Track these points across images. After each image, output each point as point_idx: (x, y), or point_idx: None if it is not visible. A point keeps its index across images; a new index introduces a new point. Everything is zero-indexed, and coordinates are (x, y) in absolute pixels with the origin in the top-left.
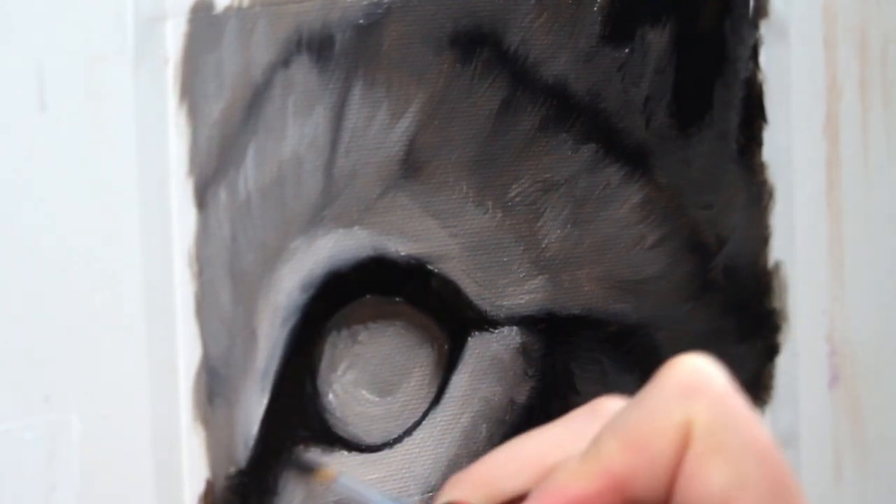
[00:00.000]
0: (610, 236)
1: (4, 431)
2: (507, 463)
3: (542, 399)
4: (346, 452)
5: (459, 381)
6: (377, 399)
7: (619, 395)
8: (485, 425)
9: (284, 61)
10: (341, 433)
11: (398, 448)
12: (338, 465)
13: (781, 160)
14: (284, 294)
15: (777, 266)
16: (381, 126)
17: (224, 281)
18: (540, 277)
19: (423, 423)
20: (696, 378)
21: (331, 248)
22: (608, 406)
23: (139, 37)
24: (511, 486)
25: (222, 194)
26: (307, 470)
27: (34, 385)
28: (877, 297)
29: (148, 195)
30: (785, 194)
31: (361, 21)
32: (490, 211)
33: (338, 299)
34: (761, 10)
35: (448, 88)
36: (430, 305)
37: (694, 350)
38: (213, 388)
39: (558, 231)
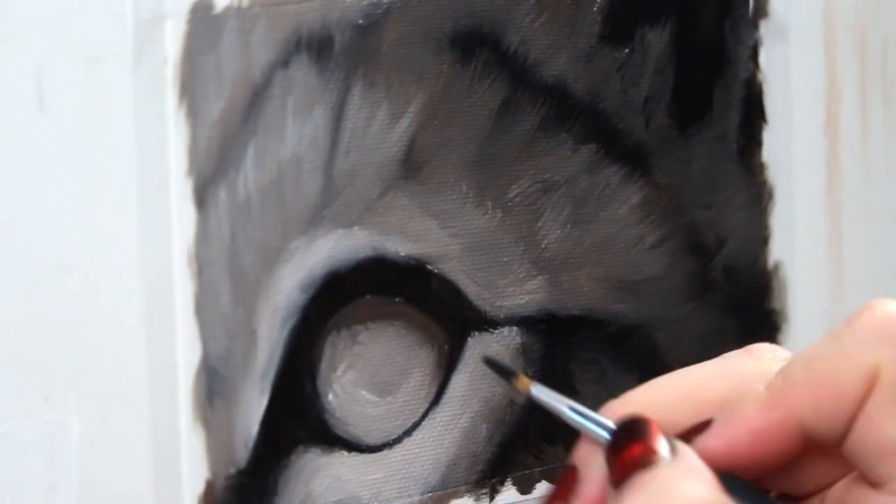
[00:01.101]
0: (610, 237)
1: (4, 432)
2: (664, 391)
3: None
4: (345, 453)
5: (459, 381)
6: (377, 399)
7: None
8: (485, 425)
9: (284, 61)
10: (341, 433)
11: (398, 448)
12: (337, 466)
13: (781, 160)
14: (284, 294)
15: (777, 266)
16: (380, 126)
17: (224, 281)
18: (540, 278)
19: (423, 423)
20: (892, 324)
21: (330, 249)
22: (763, 348)
23: (138, 37)
24: (668, 415)
25: (222, 194)
26: (504, 374)
27: (34, 385)
28: (876, 297)
29: (147, 195)
30: (785, 195)
31: (361, 21)
32: (490, 211)
33: (337, 299)
34: (761, 11)
35: (448, 89)
36: (430, 306)
37: (694, 351)
38: (213, 388)
39: (558, 231)
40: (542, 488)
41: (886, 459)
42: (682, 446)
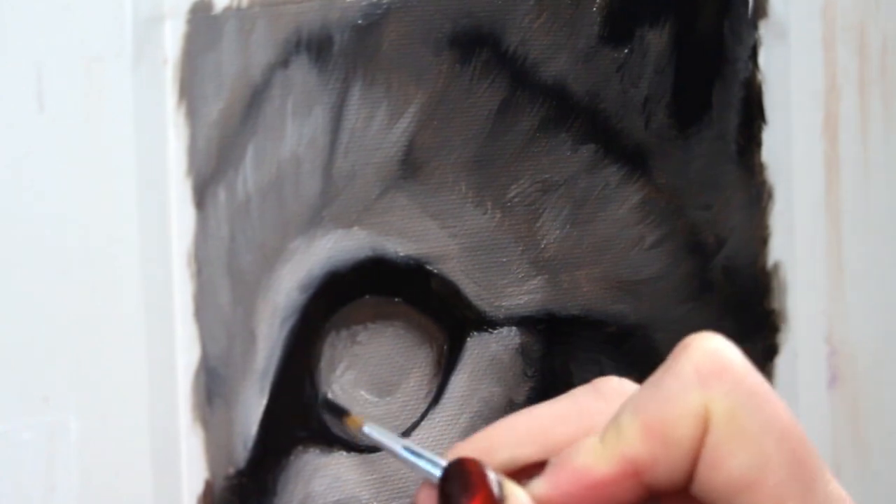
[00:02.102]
0: (609, 237)
1: (4, 432)
2: (510, 433)
3: (542, 399)
4: (344, 453)
5: (458, 381)
6: (376, 399)
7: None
8: (484, 425)
9: (283, 62)
10: (340, 433)
11: None
12: (337, 466)
13: (780, 161)
14: (283, 294)
15: (776, 266)
16: (380, 126)
17: (223, 281)
18: (539, 278)
19: (423, 423)
20: (712, 361)
21: (330, 249)
22: (611, 385)
23: (138, 37)
24: (512, 456)
25: (221, 194)
26: (337, 413)
27: (33, 386)
28: (876, 298)
29: (147, 195)
30: (784, 195)
31: (360, 21)
32: (489, 211)
33: (337, 300)
34: (760, 11)
35: (447, 89)
36: (430, 306)
37: None
38: (212, 388)
39: (557, 231)
40: None
41: (738, 495)
42: (512, 489)
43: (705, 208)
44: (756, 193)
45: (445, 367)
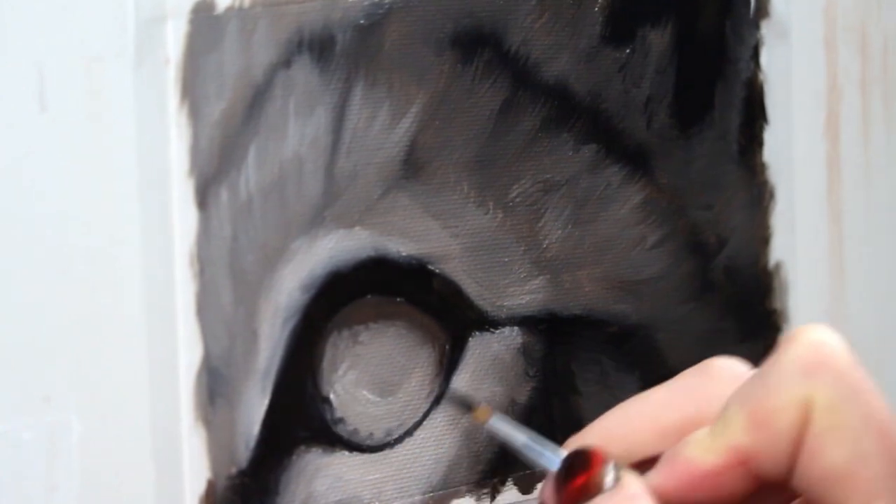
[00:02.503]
0: (611, 237)
1: (4, 432)
2: (621, 424)
3: (543, 399)
4: (346, 452)
5: (460, 381)
6: (378, 399)
7: (727, 356)
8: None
9: (286, 62)
10: (342, 433)
11: (399, 448)
12: (339, 466)
13: (782, 160)
14: (285, 294)
15: (777, 266)
16: (382, 126)
17: (225, 281)
18: (541, 278)
19: (424, 423)
20: (816, 353)
21: (332, 249)
22: (719, 366)
23: (140, 37)
24: (626, 448)
25: (223, 194)
26: (464, 406)
27: (34, 385)
28: (877, 298)
29: (149, 195)
30: (785, 194)
31: (362, 21)
32: (491, 211)
33: (339, 299)
34: (762, 11)
35: (449, 89)
36: (431, 306)
37: (695, 351)
38: (214, 388)
39: (559, 231)
40: None
41: (835, 487)
42: (628, 477)
43: (707, 208)
44: (757, 193)
45: (447, 366)
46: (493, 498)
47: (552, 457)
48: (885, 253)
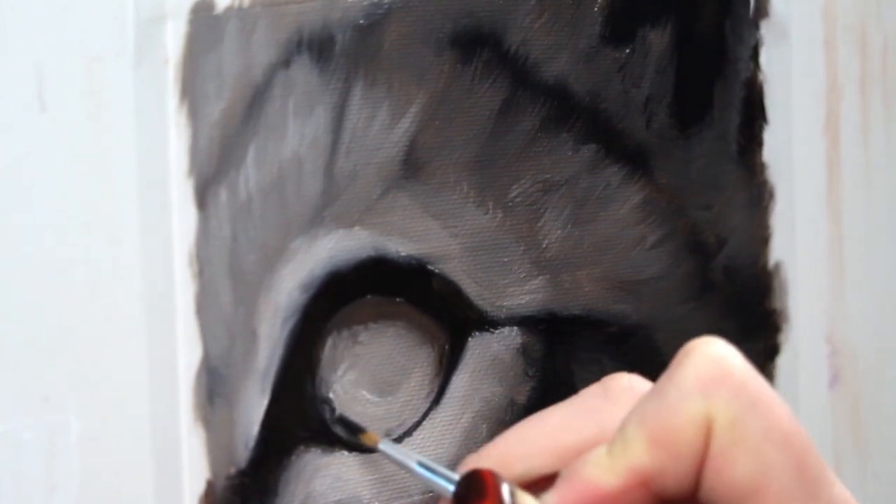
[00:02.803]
0: (610, 237)
1: (4, 432)
2: (520, 444)
3: (543, 399)
4: (346, 453)
5: (460, 381)
6: (377, 399)
7: (624, 372)
8: (485, 426)
9: (285, 62)
10: (341, 433)
11: None
12: (338, 466)
13: (782, 160)
14: (285, 294)
15: (777, 266)
16: (381, 126)
17: (224, 281)
18: (540, 278)
19: (424, 423)
20: (714, 368)
21: (331, 249)
22: (620, 384)
23: (139, 37)
24: (524, 468)
25: (223, 194)
26: (352, 430)
27: (34, 385)
28: (877, 297)
29: (148, 195)
30: (785, 194)
31: (362, 21)
32: (491, 211)
33: (338, 299)
34: (762, 11)
35: (449, 89)
36: (431, 306)
37: None
38: (214, 388)
39: (559, 231)
40: None
41: (744, 501)
42: (524, 499)
43: (706, 208)
44: (757, 193)
45: (447, 367)
46: None
47: (445, 482)
48: (884, 253)
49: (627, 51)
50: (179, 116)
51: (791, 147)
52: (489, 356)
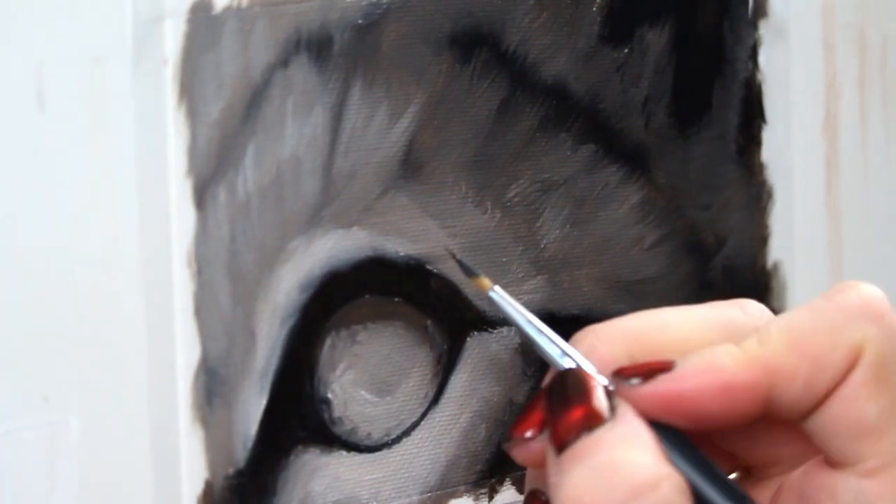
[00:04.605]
0: (609, 236)
1: (4, 432)
2: (651, 325)
3: None
4: (344, 452)
5: (458, 381)
6: (376, 399)
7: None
8: (484, 425)
9: (283, 61)
10: (340, 433)
11: (397, 448)
12: (336, 466)
13: (780, 160)
14: (283, 294)
15: (776, 266)
16: (380, 126)
17: (223, 281)
18: (539, 277)
19: (422, 423)
20: (878, 303)
21: (330, 249)
22: (755, 305)
23: (138, 37)
24: (650, 349)
25: (221, 194)
26: (466, 272)
27: (33, 385)
28: None
29: (147, 195)
30: (784, 194)
31: (360, 21)
32: (489, 211)
33: (337, 299)
34: (760, 10)
35: (447, 89)
36: (430, 306)
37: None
38: (212, 388)
39: (557, 231)
40: None
41: (859, 440)
42: (622, 407)
43: (705, 208)
44: (756, 193)
45: (445, 366)
46: (490, 498)
47: (555, 354)
48: (883, 252)
49: (626, 50)
50: (178, 116)
51: (790, 147)
52: (488, 356)
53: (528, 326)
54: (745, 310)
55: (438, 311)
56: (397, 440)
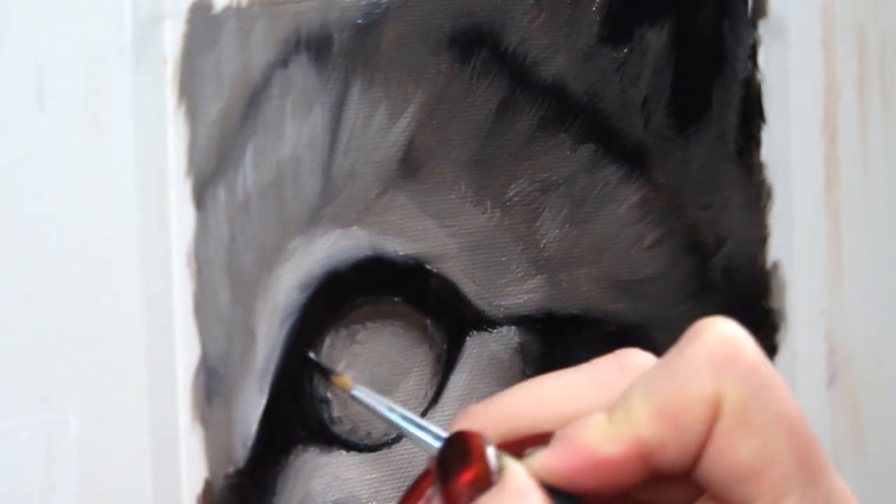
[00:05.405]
0: (608, 236)
1: (3, 431)
2: (527, 401)
3: None
4: (344, 452)
5: (458, 380)
6: None
7: (640, 350)
8: None
9: (283, 61)
10: (339, 433)
11: (396, 448)
12: (336, 465)
13: (780, 160)
14: (283, 294)
15: (775, 266)
16: (379, 126)
17: (222, 281)
18: (538, 277)
19: None
20: (727, 348)
21: (329, 248)
22: (634, 359)
23: (138, 37)
24: (528, 426)
25: (221, 194)
26: (325, 373)
27: (33, 385)
28: (875, 297)
29: (146, 195)
30: (783, 194)
31: (360, 21)
32: (488, 211)
33: (336, 299)
34: (760, 10)
35: (446, 88)
36: (429, 305)
37: None
38: (212, 387)
39: (557, 231)
40: None
41: (742, 484)
42: (511, 465)
43: (704, 208)
44: (755, 193)
45: (445, 366)
46: None
47: (430, 438)
48: (883, 252)
49: (625, 50)
50: (178, 116)
51: (789, 147)
52: (487, 356)
53: (400, 419)
54: (624, 367)
55: (438, 310)
56: (397, 440)
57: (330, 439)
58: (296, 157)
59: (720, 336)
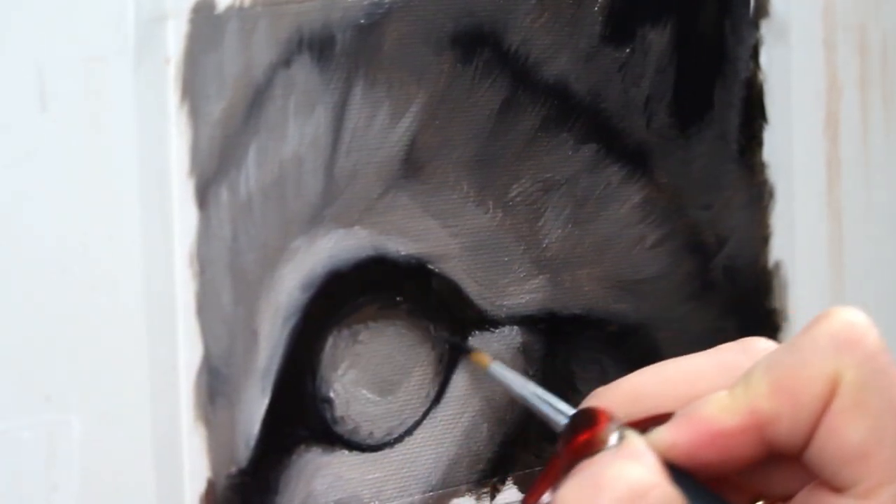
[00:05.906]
0: (610, 236)
1: (5, 431)
2: (651, 382)
3: None
4: (346, 452)
5: (460, 380)
6: (378, 398)
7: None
8: (485, 424)
9: (285, 61)
10: (342, 433)
11: (399, 447)
12: (338, 465)
13: (781, 160)
14: (285, 294)
15: (777, 266)
16: (381, 126)
17: (225, 280)
18: (540, 277)
19: (424, 422)
20: (850, 331)
21: (331, 248)
22: (759, 345)
23: (140, 37)
24: (653, 406)
25: (223, 194)
26: (463, 350)
27: (35, 384)
28: (876, 297)
29: (149, 195)
30: (785, 194)
31: (362, 21)
32: (491, 211)
33: (338, 299)
34: (762, 10)
35: (449, 88)
36: (431, 305)
37: (694, 350)
38: (214, 387)
39: (559, 231)
40: None
41: (850, 465)
42: (631, 436)
43: (706, 208)
44: (757, 193)
45: (447, 366)
46: (492, 497)
47: (559, 414)
48: (884, 252)
49: (627, 50)
50: (180, 116)
51: (791, 147)
52: (489, 355)
53: (534, 397)
54: (747, 350)
55: (440, 310)
56: (399, 439)
57: (332, 439)
58: (298, 156)
59: (845, 320)
